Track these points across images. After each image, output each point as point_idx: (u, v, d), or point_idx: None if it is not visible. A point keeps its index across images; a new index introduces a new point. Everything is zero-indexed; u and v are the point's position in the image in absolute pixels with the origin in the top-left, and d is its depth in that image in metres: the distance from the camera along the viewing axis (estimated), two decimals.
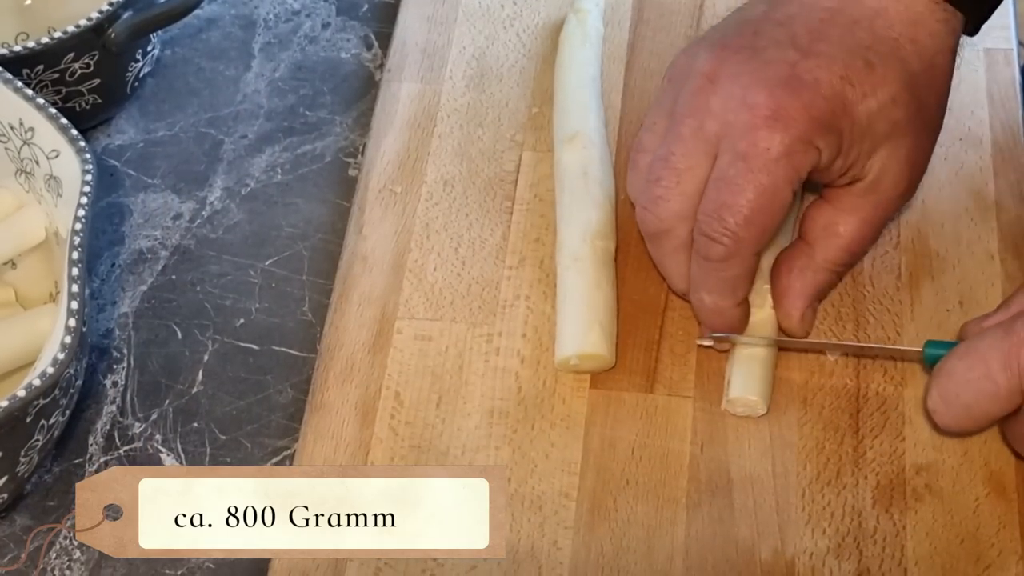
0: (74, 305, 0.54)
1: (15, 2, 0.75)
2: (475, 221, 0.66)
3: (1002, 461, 0.59)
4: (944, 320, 0.63)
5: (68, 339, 0.53)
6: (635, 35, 0.73)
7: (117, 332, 0.66)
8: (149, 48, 0.71)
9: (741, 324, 0.61)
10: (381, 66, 0.74)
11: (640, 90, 0.71)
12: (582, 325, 0.61)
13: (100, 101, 0.70)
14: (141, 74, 0.71)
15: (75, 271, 0.55)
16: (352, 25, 0.76)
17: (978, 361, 0.54)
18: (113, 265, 0.68)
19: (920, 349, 0.58)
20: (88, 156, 0.58)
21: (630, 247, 0.65)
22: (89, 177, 0.57)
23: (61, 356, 0.53)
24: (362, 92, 0.74)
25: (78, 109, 0.69)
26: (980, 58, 0.71)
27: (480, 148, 0.69)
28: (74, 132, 0.58)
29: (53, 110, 0.59)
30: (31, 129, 0.60)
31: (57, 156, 0.59)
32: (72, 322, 0.54)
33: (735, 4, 0.72)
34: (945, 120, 0.68)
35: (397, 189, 0.68)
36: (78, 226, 0.56)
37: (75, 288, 0.54)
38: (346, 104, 0.73)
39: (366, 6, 0.77)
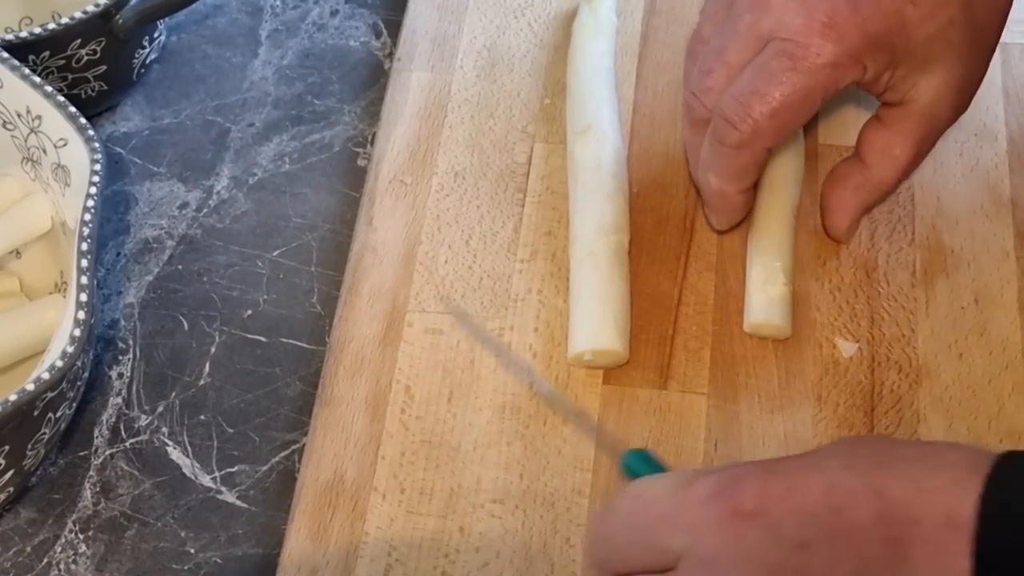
0: (83, 297, 0.53)
1: None
2: (486, 213, 0.66)
3: None
4: (959, 318, 0.62)
5: (77, 332, 0.53)
6: (648, 26, 0.72)
7: (123, 323, 0.65)
8: (156, 35, 0.70)
9: (743, 210, 0.62)
10: (390, 55, 0.73)
11: (653, 82, 0.70)
12: (596, 320, 0.60)
13: (106, 88, 0.69)
14: (147, 61, 0.70)
15: (84, 263, 0.54)
16: (361, 12, 0.75)
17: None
18: (119, 254, 0.67)
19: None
20: (97, 145, 0.57)
21: (643, 240, 0.64)
22: (98, 167, 0.56)
23: (70, 349, 0.52)
24: (371, 81, 0.73)
25: (84, 96, 0.68)
26: (996, 53, 0.70)
27: (491, 139, 0.68)
28: (82, 120, 0.58)
29: (61, 98, 0.58)
30: (38, 117, 0.59)
31: (65, 145, 0.58)
32: (81, 315, 0.53)
33: None
34: (961, 116, 0.68)
35: (407, 180, 0.67)
36: (87, 217, 0.55)
37: (84, 280, 0.54)
38: (355, 93, 0.72)
39: None
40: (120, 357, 0.64)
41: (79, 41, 0.65)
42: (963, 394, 0.60)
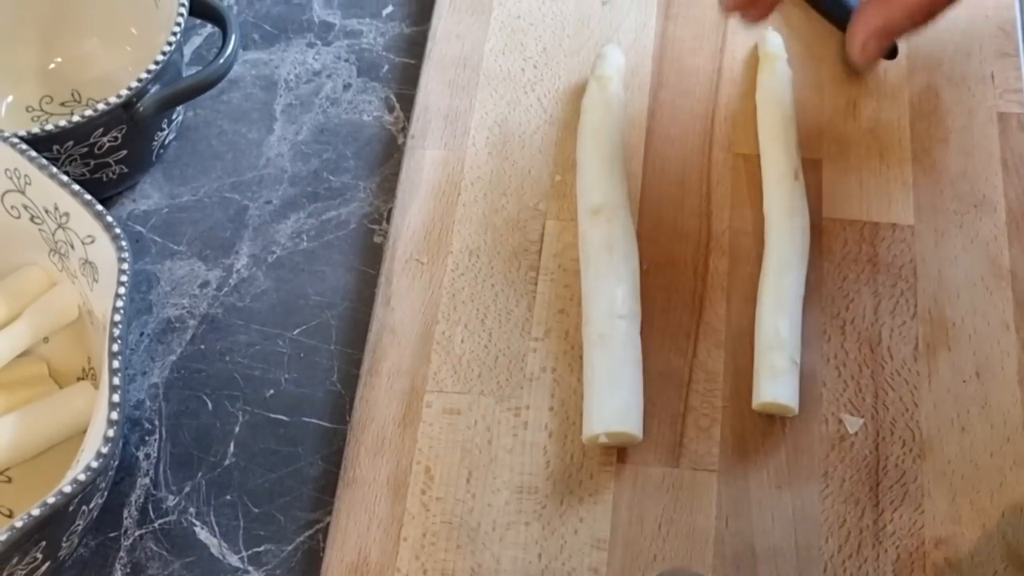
0: (115, 398, 0.55)
1: (40, 65, 0.76)
2: (500, 292, 0.68)
3: (1020, 534, 0.61)
4: (961, 391, 0.64)
5: (111, 432, 0.54)
6: (655, 100, 0.73)
7: (148, 403, 0.67)
8: (174, 116, 0.72)
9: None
10: (403, 129, 0.75)
11: (661, 156, 0.72)
12: (610, 404, 0.62)
13: (127, 170, 0.70)
14: (166, 141, 0.72)
15: (115, 363, 0.56)
16: (373, 87, 0.77)
17: None
18: (142, 334, 0.69)
19: None
20: (124, 244, 0.59)
21: (654, 317, 0.66)
22: (125, 266, 0.58)
23: (104, 449, 0.54)
24: (385, 156, 0.74)
25: (105, 179, 0.70)
26: (993, 123, 0.72)
27: (504, 217, 0.70)
28: (109, 219, 0.59)
29: (88, 196, 0.60)
30: (66, 214, 0.61)
31: (92, 242, 0.60)
32: (114, 415, 0.55)
33: (752, 73, 0.74)
34: (959, 187, 0.70)
35: (423, 259, 0.69)
36: (117, 317, 0.57)
37: (116, 380, 0.55)
38: (369, 169, 0.74)
39: (386, 67, 0.78)
40: (147, 438, 0.66)
41: (101, 130, 0.66)
42: (966, 468, 0.62)
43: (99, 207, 0.60)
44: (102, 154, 0.68)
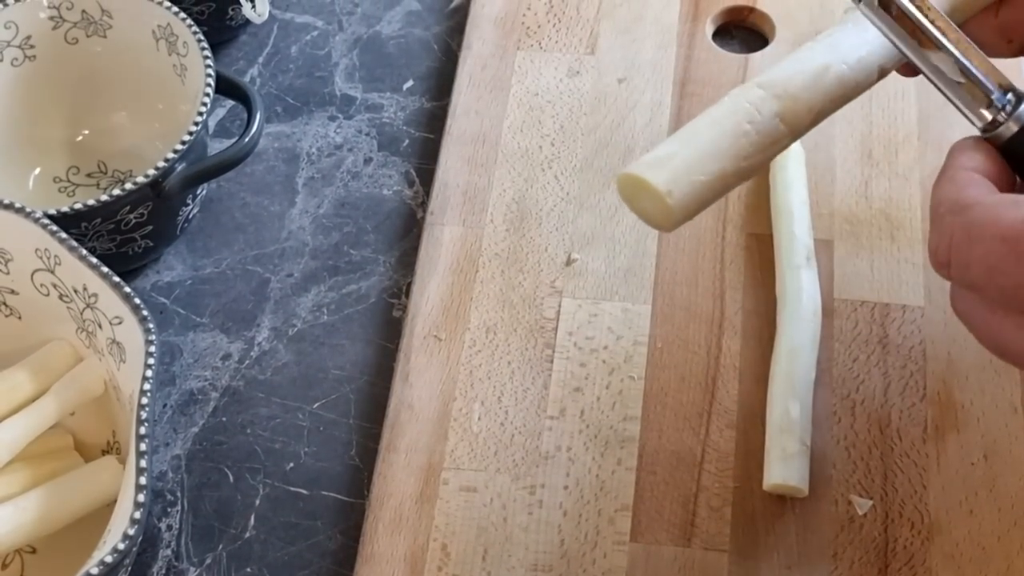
0: (142, 480, 0.56)
1: (68, 137, 0.78)
2: (517, 369, 0.69)
3: None
4: (969, 473, 0.65)
5: (138, 514, 0.56)
6: None
7: (170, 474, 0.68)
8: (199, 191, 0.73)
9: None
10: (422, 204, 0.77)
11: (676, 235, 0.73)
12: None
13: (152, 244, 0.72)
14: (191, 215, 0.74)
15: (143, 445, 0.57)
16: (393, 161, 0.79)
17: (1011, 255, 0.47)
18: (165, 406, 0.70)
19: None
20: (151, 327, 0.60)
21: (667, 396, 0.68)
22: (152, 348, 0.59)
23: (131, 532, 0.55)
24: (404, 231, 0.76)
25: (131, 253, 0.71)
26: None
27: (521, 294, 0.71)
28: (137, 301, 0.61)
29: (117, 279, 0.61)
30: (95, 295, 0.62)
31: (120, 323, 0.61)
32: (141, 497, 0.56)
33: None
34: None
35: (441, 336, 0.70)
36: (144, 400, 0.58)
37: (143, 463, 0.57)
38: (388, 243, 0.76)
39: (407, 141, 0.79)
40: (169, 509, 0.67)
41: (128, 207, 0.68)
42: (973, 551, 0.63)
43: (127, 289, 0.61)
44: (128, 230, 0.70)
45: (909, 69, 0.56)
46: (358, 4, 0.86)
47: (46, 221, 0.63)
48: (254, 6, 0.75)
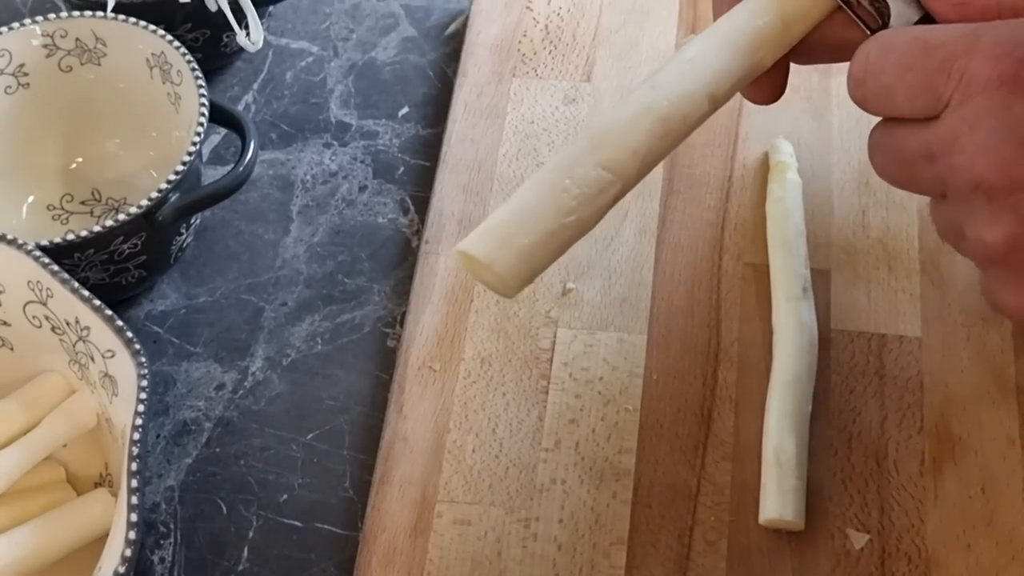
0: (134, 517, 0.56)
1: (62, 165, 0.77)
2: (512, 401, 0.68)
3: None
4: (967, 507, 0.65)
5: (128, 552, 0.55)
6: (666, 207, 0.75)
7: (163, 506, 0.68)
8: (193, 220, 0.73)
9: None
10: (417, 232, 0.76)
11: (671, 265, 0.73)
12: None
13: (146, 274, 0.72)
14: (185, 244, 0.73)
15: (135, 482, 0.57)
16: (388, 188, 0.78)
17: (921, 50, 0.50)
18: (159, 436, 0.70)
19: None
20: (144, 361, 0.60)
21: (663, 428, 0.67)
22: (145, 383, 0.59)
23: (122, 570, 0.55)
24: (399, 260, 0.76)
25: (124, 283, 0.71)
26: None
27: (516, 324, 0.71)
28: (129, 335, 0.60)
29: (109, 312, 0.61)
30: (87, 328, 0.62)
31: (113, 356, 0.61)
32: (132, 535, 0.56)
33: (763, 181, 0.75)
34: (967, 299, 0.71)
35: (436, 367, 0.70)
36: (136, 436, 0.58)
37: (135, 500, 0.56)
38: (383, 272, 0.75)
39: (402, 168, 0.79)
40: (162, 541, 0.67)
41: (122, 238, 0.68)
42: None
43: (119, 323, 0.61)
44: (122, 260, 0.69)
45: (759, 92, 0.58)
46: (353, 30, 0.86)
47: (38, 253, 0.63)
48: (248, 35, 0.75)
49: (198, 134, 0.69)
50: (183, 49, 0.72)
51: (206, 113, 0.70)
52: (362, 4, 0.87)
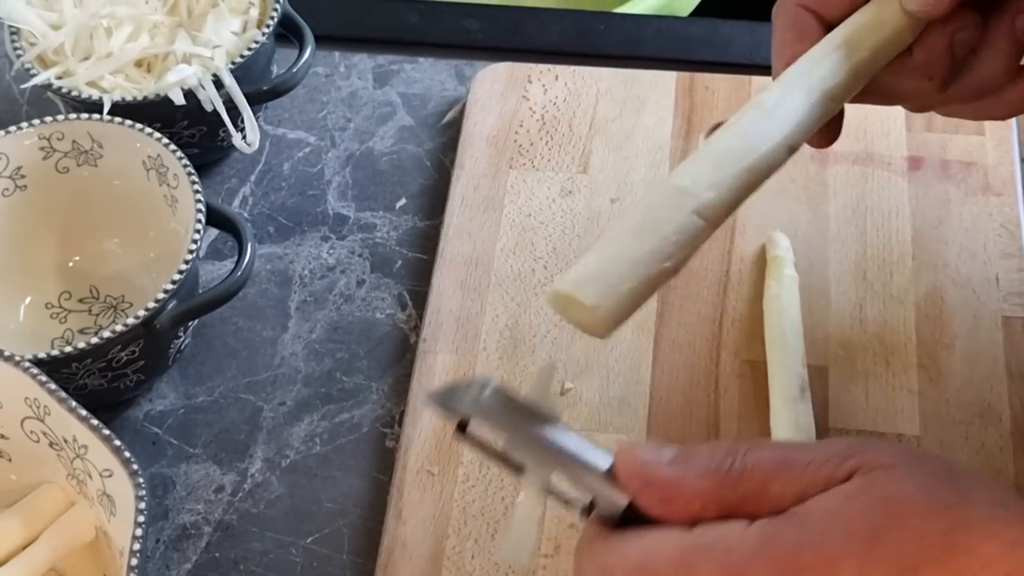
0: None
1: (60, 262, 0.78)
2: (510, 505, 0.68)
3: None
4: None
5: None
6: (663, 303, 0.74)
7: None
8: (190, 324, 0.73)
9: None
10: (415, 328, 0.76)
11: (669, 363, 0.72)
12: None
13: (144, 377, 0.72)
14: (183, 347, 0.73)
15: None
16: (386, 283, 0.78)
17: None
18: (158, 541, 0.70)
19: None
20: (141, 482, 0.60)
21: None
22: (143, 505, 0.59)
23: None
24: (397, 356, 0.76)
25: (122, 387, 0.71)
26: (998, 328, 0.73)
27: None
28: (127, 455, 0.60)
29: (107, 431, 0.61)
30: (84, 446, 0.62)
31: (110, 476, 0.61)
32: None
33: (760, 275, 0.75)
34: (965, 395, 0.70)
35: (434, 470, 0.70)
36: (134, 561, 0.58)
37: None
38: (381, 369, 0.75)
39: (400, 262, 0.79)
40: None
41: (119, 347, 0.68)
42: None
43: (117, 442, 0.61)
44: (120, 366, 0.69)
45: (821, 139, 0.60)
46: (351, 119, 0.86)
47: (35, 371, 0.63)
48: (244, 136, 0.75)
49: (195, 241, 0.69)
50: (179, 153, 0.72)
51: (202, 220, 0.70)
52: (359, 92, 0.87)
